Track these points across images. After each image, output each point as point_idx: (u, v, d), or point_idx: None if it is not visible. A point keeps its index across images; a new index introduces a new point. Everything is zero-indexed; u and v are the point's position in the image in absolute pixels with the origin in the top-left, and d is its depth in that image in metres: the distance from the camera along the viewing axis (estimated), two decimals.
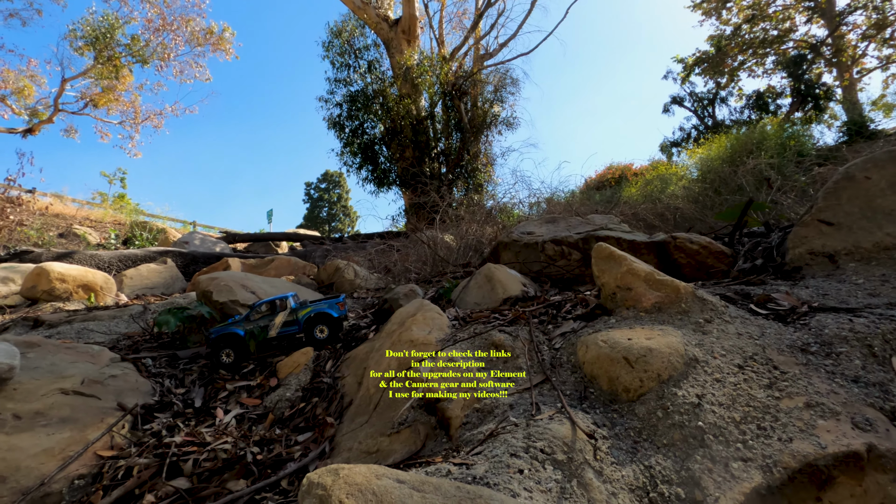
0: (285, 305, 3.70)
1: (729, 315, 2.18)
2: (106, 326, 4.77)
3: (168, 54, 18.57)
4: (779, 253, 3.38)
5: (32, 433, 2.36)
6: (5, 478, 2.17)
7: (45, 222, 13.00)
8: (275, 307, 3.66)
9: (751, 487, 1.37)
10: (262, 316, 3.62)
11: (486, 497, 1.11)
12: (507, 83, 17.08)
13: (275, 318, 3.64)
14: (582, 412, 1.74)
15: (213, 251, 11.76)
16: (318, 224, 45.16)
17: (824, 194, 3.07)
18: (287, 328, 3.65)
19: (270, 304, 3.67)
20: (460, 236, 7.25)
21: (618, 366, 1.81)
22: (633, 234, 4.23)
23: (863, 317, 2.04)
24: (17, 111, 16.59)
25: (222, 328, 3.55)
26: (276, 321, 3.65)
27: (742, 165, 8.06)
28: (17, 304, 6.44)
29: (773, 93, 23.07)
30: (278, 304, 3.68)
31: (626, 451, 1.54)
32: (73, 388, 2.72)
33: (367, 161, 16.61)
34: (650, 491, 1.42)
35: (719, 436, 1.53)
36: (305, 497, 1.06)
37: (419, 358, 2.48)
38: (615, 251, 2.39)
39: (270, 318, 3.63)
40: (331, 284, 6.24)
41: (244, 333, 3.57)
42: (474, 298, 3.89)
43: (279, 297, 3.69)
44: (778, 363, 1.84)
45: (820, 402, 1.62)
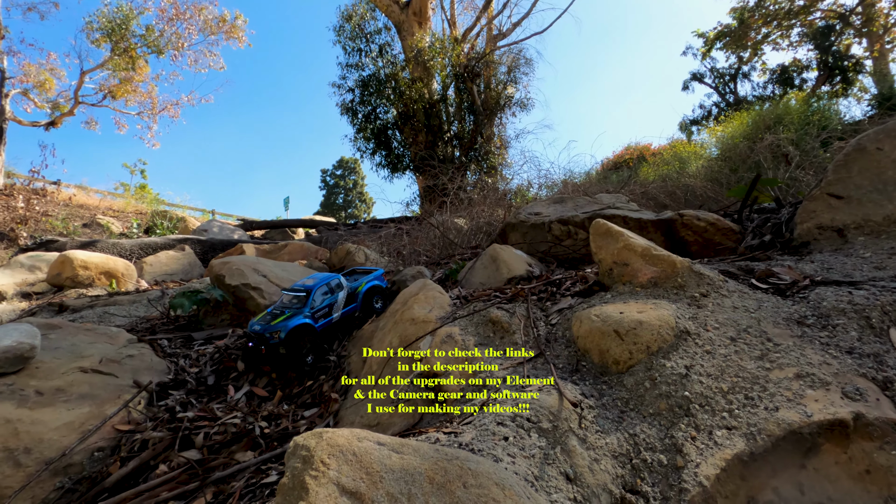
0: (341, 285, 3.39)
1: (727, 289, 2.17)
2: (126, 311, 4.95)
3: (182, 44, 18.74)
4: (787, 228, 3.31)
5: (54, 408, 2.49)
6: (30, 449, 2.31)
7: (70, 213, 13.40)
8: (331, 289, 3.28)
9: (733, 454, 1.38)
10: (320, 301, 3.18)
11: (463, 458, 1.15)
12: (521, 63, 16.80)
13: (336, 297, 3.30)
14: (572, 384, 1.76)
15: (231, 238, 12.01)
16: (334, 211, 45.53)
17: (834, 167, 2.99)
18: (348, 307, 3.38)
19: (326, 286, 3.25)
20: (472, 219, 7.26)
21: (608, 339, 1.83)
22: (641, 213, 4.18)
23: (863, 289, 2.01)
24: (40, 104, 17.03)
25: (286, 321, 2.93)
26: (339, 300, 3.32)
27: (759, 142, 7.84)
28: (44, 290, 6.71)
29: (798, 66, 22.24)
30: (334, 285, 3.32)
31: (611, 421, 1.57)
32: (92, 367, 2.85)
33: (380, 146, 16.61)
34: (633, 457, 1.45)
35: (705, 405, 1.55)
36: (291, 458, 1.12)
37: (419, 335, 2.53)
38: (612, 227, 2.38)
39: (333, 298, 3.27)
40: (342, 268, 6.33)
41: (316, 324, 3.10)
42: (479, 279, 3.92)
43: (330, 277, 3.32)
44: (772, 335, 1.83)
45: (811, 372, 1.62)
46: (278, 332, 2.87)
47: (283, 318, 2.94)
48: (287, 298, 3.18)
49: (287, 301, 3.15)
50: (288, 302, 3.13)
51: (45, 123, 16.75)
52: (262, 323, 2.95)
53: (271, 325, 2.90)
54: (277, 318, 2.96)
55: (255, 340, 2.96)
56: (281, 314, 3.00)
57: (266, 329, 2.89)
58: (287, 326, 2.88)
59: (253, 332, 2.97)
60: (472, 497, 1.05)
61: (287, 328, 2.88)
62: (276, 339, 2.87)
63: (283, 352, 2.90)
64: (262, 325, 2.92)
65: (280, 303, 3.19)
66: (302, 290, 3.13)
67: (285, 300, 3.17)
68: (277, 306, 3.14)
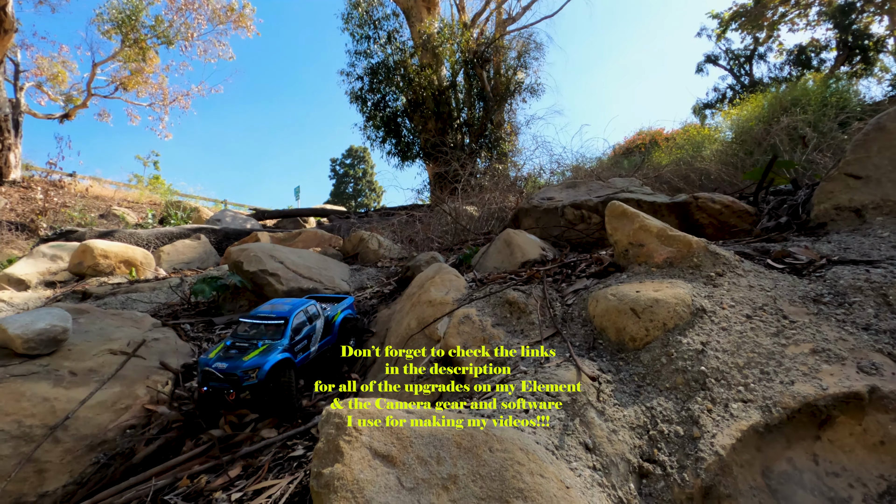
0: (318, 313, 2.84)
1: (742, 269, 2.19)
2: (147, 297, 5.08)
3: (191, 34, 18.79)
4: (804, 210, 3.29)
5: (88, 387, 2.59)
6: (66, 426, 2.42)
7: (86, 204, 13.64)
8: (309, 317, 2.74)
9: (748, 426, 1.42)
10: (298, 332, 2.61)
11: (488, 425, 1.20)
12: (531, 48, 16.59)
13: (314, 327, 2.76)
14: (589, 360, 1.80)
15: (244, 227, 12.16)
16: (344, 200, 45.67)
17: (853, 147, 2.96)
18: (324, 339, 2.84)
19: (303, 313, 2.71)
20: (483, 205, 7.28)
21: (625, 317, 1.86)
22: (655, 196, 4.18)
23: (880, 267, 2.02)
24: (53, 97, 17.24)
25: (262, 356, 2.32)
26: (317, 330, 2.78)
27: (776, 124, 7.72)
28: (66, 279, 6.89)
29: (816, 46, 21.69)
30: (312, 313, 2.78)
31: (629, 395, 1.61)
32: (121, 349, 2.96)
33: (390, 134, 16.59)
34: (650, 429, 1.49)
35: (721, 380, 1.58)
36: (325, 425, 1.18)
37: (437, 316, 2.58)
38: (628, 208, 2.40)
39: (311, 328, 2.72)
40: (356, 255, 6.41)
41: (296, 359, 2.54)
42: (493, 263, 3.96)
43: (305, 303, 2.77)
44: (788, 313, 1.85)
45: (826, 348, 1.64)
46: (254, 370, 2.25)
47: (257, 353, 2.34)
48: (247, 328, 2.57)
49: (251, 331, 2.55)
50: (252, 332, 2.54)
51: (60, 116, 16.98)
52: (225, 360, 2.32)
53: (242, 361, 2.28)
54: (247, 352, 2.36)
55: (219, 383, 2.27)
56: (251, 347, 2.40)
57: (235, 368, 2.24)
58: (266, 363, 2.28)
59: (215, 371, 2.27)
60: (498, 460, 1.10)
61: (266, 365, 2.27)
62: (251, 380, 2.24)
63: (261, 396, 2.30)
64: (229, 363, 2.27)
65: (241, 333, 2.56)
66: (276, 316, 2.56)
67: (246, 330, 2.56)
68: (239, 337, 2.53)
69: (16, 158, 13.75)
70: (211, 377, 2.30)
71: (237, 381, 2.24)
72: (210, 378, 2.31)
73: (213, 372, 2.28)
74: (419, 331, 2.59)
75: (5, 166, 13.25)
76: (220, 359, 2.35)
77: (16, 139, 13.91)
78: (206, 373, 2.33)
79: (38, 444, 2.29)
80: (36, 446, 2.28)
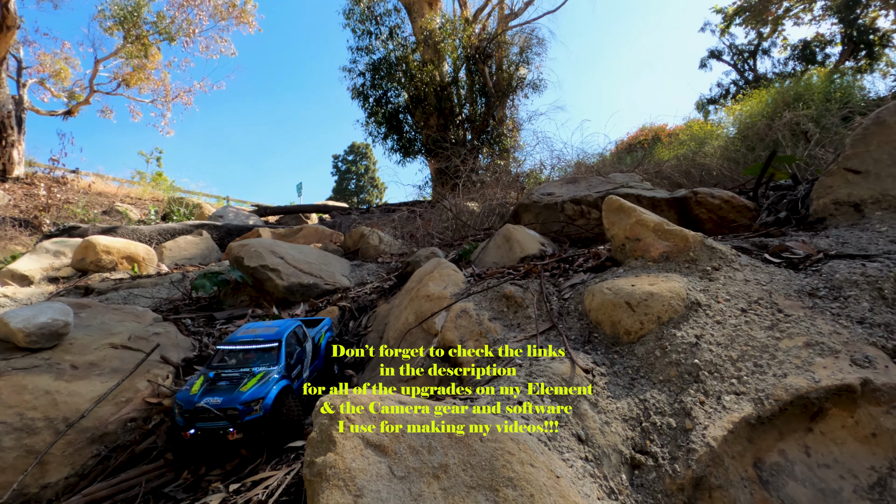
0: (307, 335, 2.60)
1: (739, 263, 2.19)
2: (149, 292, 5.11)
3: (193, 30, 18.79)
4: (804, 205, 3.29)
5: (88, 381, 2.62)
6: (68, 418, 2.44)
7: (89, 200, 13.69)
8: (299, 339, 2.50)
9: (740, 417, 1.43)
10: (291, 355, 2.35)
11: (480, 416, 1.22)
12: (533, 44, 16.52)
13: (305, 349, 2.52)
14: (584, 353, 1.81)
15: (247, 224, 12.19)
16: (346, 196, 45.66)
17: (852, 141, 2.95)
18: (313, 364, 2.60)
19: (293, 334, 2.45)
20: (484, 201, 7.28)
21: (620, 310, 1.87)
22: (654, 191, 4.17)
23: (877, 262, 2.02)
24: (56, 94, 17.28)
25: (262, 386, 2.02)
26: (308, 353, 2.54)
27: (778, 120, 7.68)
28: (69, 275, 6.92)
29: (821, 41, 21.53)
30: (301, 335, 2.53)
31: (622, 387, 1.62)
32: (122, 343, 2.98)
33: (392, 130, 16.58)
34: (643, 421, 1.50)
35: (714, 372, 1.59)
36: (319, 415, 1.19)
37: (434, 311, 2.60)
38: (625, 203, 2.41)
39: (302, 352, 2.48)
40: (356, 251, 6.42)
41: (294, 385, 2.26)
42: (493, 258, 3.97)
43: (293, 323, 2.51)
44: (783, 307, 1.85)
45: (820, 341, 1.64)
46: (256, 402, 1.96)
47: (255, 382, 2.04)
48: (229, 355, 2.30)
49: (237, 358, 2.27)
50: (240, 360, 2.27)
51: (62, 112, 17.02)
52: (216, 394, 1.99)
53: (240, 393, 1.97)
54: (241, 382, 2.06)
55: (212, 422, 1.95)
56: (244, 376, 2.11)
57: (232, 401, 1.93)
58: (269, 392, 2.00)
59: (208, 407, 1.93)
60: (489, 450, 1.11)
61: (271, 395, 2.00)
62: (255, 413, 1.94)
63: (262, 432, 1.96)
64: (224, 397, 1.96)
65: (223, 362, 2.28)
66: (266, 340, 2.30)
67: (228, 358, 2.30)
68: (223, 367, 2.23)
69: (19, 155, 13.80)
70: (199, 416, 1.94)
71: (237, 416, 1.91)
72: (198, 418, 1.94)
73: (207, 409, 1.92)
74: (417, 325, 2.60)
75: (9, 163, 13.31)
76: (208, 392, 2.01)
77: (19, 136, 13.97)
78: (191, 412, 1.94)
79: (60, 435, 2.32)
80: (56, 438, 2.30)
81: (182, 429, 1.98)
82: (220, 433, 1.93)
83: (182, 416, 2.00)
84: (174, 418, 2.05)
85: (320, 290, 4.51)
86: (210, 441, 1.96)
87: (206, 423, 1.95)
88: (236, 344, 2.32)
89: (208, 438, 1.96)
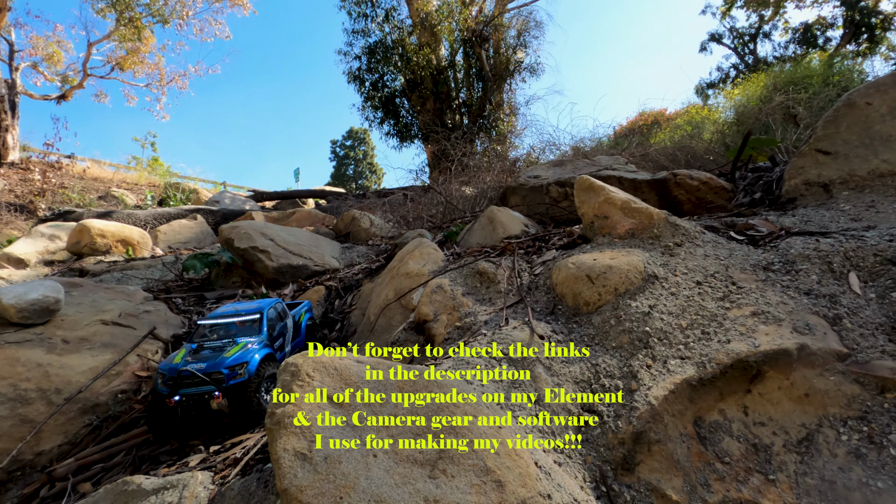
0: (286, 311, 2.70)
1: (702, 240, 2.27)
2: (142, 274, 5.20)
3: (186, 12, 18.55)
4: (778, 186, 3.36)
5: (79, 355, 2.72)
6: (60, 390, 2.55)
7: (85, 185, 13.71)
8: (279, 314, 2.60)
9: (682, 379, 1.53)
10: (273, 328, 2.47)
11: (430, 374, 1.31)
12: (531, 27, 16.34)
13: (286, 324, 2.63)
14: (545, 323, 1.91)
15: (243, 209, 12.23)
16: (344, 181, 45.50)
17: (824, 123, 3.01)
18: (295, 340, 2.72)
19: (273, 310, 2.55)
20: (478, 185, 7.33)
21: (580, 283, 1.96)
22: (637, 174, 4.24)
23: (831, 238, 2.10)
24: (50, 77, 17.15)
25: (244, 352, 2.13)
26: (289, 328, 2.66)
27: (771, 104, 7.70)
28: (65, 258, 7.01)
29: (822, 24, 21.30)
30: (280, 310, 2.63)
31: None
32: (112, 320, 3.08)
33: (388, 115, 16.50)
34: (593, 383, 1.60)
35: (663, 339, 1.68)
36: (281, 373, 1.29)
37: (412, 287, 2.69)
38: (595, 182, 2.48)
39: (283, 326, 2.59)
40: (348, 233, 6.50)
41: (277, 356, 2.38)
42: (477, 239, 4.05)
43: (273, 301, 2.60)
44: (737, 280, 1.94)
45: (766, 311, 1.74)
46: (240, 366, 2.03)
47: (238, 349, 2.11)
48: (211, 329, 2.36)
49: (219, 331, 2.34)
50: (222, 331, 2.34)
51: (56, 97, 16.91)
52: (200, 361, 2.06)
53: (224, 358, 2.04)
54: (225, 350, 2.13)
55: (196, 388, 2.00)
56: (228, 345, 2.17)
57: (216, 366, 2.01)
58: (252, 357, 2.07)
59: (195, 371, 1.98)
60: (437, 403, 1.21)
61: (255, 360, 2.06)
62: (240, 377, 1.99)
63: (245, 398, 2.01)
64: (207, 363, 2.03)
65: (205, 334, 2.36)
66: (248, 312, 2.40)
67: (210, 331, 2.36)
68: (205, 338, 2.31)
69: (13, 140, 13.78)
70: (183, 382, 2.01)
71: (221, 380, 2.00)
72: (182, 384, 2.01)
73: (192, 373, 1.99)
74: (396, 300, 2.69)
75: (3, 148, 13.30)
76: (191, 362, 2.07)
77: (13, 120, 13.93)
78: (175, 379, 2.00)
79: (59, 407, 2.42)
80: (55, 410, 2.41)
81: (166, 396, 2.05)
82: (204, 398, 2.01)
83: (166, 384, 2.07)
84: (155, 388, 2.12)
85: (309, 272, 4.60)
86: (193, 408, 2.02)
87: (191, 388, 2.02)
88: (218, 318, 2.41)
89: (192, 406, 2.02)
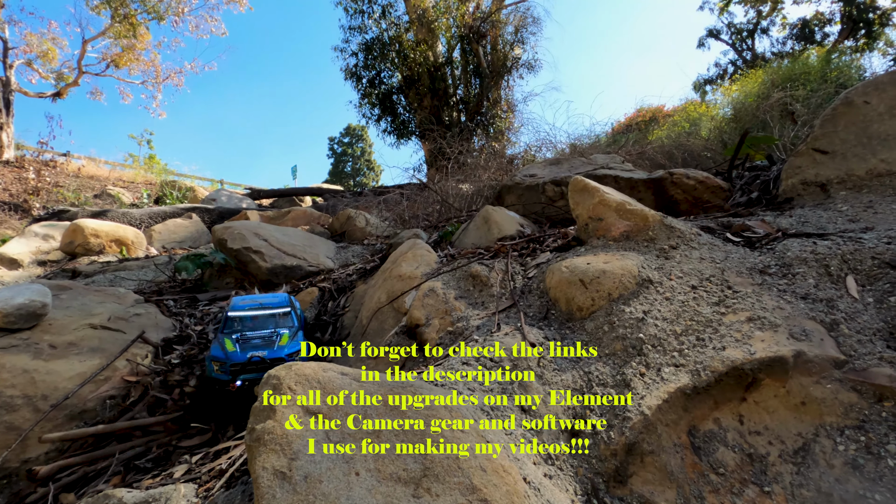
0: (294, 305, 2.81)
1: (698, 242, 2.24)
2: (135, 275, 5.15)
3: (182, 9, 18.42)
4: (775, 185, 3.32)
5: (67, 360, 2.68)
6: (47, 396, 2.51)
7: (80, 184, 13.62)
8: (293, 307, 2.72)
9: (676, 388, 1.49)
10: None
11: (417, 386, 1.27)
12: (528, 23, 16.26)
13: (301, 316, 2.75)
14: (538, 329, 1.87)
15: (239, 207, 12.17)
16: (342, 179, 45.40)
17: (821, 122, 2.97)
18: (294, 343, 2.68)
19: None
20: (475, 183, 7.29)
21: (574, 287, 1.92)
22: (633, 173, 4.20)
23: (828, 240, 2.07)
24: (44, 75, 17.01)
25: (295, 342, 2.41)
26: (302, 318, 2.77)
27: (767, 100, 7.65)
28: (58, 259, 6.95)
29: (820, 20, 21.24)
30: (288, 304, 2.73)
31: (569, 360, 1.69)
32: (101, 324, 3.03)
33: (385, 112, 16.42)
34: (585, 392, 1.57)
35: (658, 346, 1.65)
36: (263, 385, 1.25)
37: (405, 290, 2.65)
38: (589, 183, 2.44)
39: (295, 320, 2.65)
40: (343, 233, 6.45)
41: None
42: (472, 239, 4.01)
43: (284, 295, 2.78)
44: (733, 283, 1.91)
45: (763, 316, 1.70)
46: (296, 354, 2.36)
47: (287, 339, 2.40)
48: (252, 318, 2.55)
49: (261, 321, 2.54)
50: (266, 321, 2.54)
51: (51, 94, 16.79)
52: (256, 349, 2.29)
53: (281, 347, 2.32)
54: (275, 339, 2.38)
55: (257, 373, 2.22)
56: (275, 335, 2.41)
57: (278, 353, 2.28)
58: (298, 347, 2.38)
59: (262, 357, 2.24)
60: (422, 416, 1.18)
61: (301, 350, 2.37)
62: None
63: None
64: (269, 351, 2.27)
65: (247, 324, 2.53)
66: (278, 306, 2.63)
67: (253, 320, 2.55)
68: (249, 327, 2.51)
69: (8, 138, 13.68)
70: (247, 369, 2.21)
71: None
72: (245, 370, 2.21)
73: (262, 359, 2.21)
74: (388, 304, 2.65)
75: None
76: (247, 350, 2.27)
77: (7, 118, 13.83)
78: (241, 365, 2.20)
79: (45, 415, 2.38)
80: (41, 418, 2.36)
81: (228, 382, 2.21)
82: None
83: (229, 370, 2.23)
84: (210, 375, 2.29)
85: (304, 272, 4.55)
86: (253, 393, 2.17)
87: (253, 374, 2.22)
88: (254, 310, 2.60)
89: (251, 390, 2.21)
